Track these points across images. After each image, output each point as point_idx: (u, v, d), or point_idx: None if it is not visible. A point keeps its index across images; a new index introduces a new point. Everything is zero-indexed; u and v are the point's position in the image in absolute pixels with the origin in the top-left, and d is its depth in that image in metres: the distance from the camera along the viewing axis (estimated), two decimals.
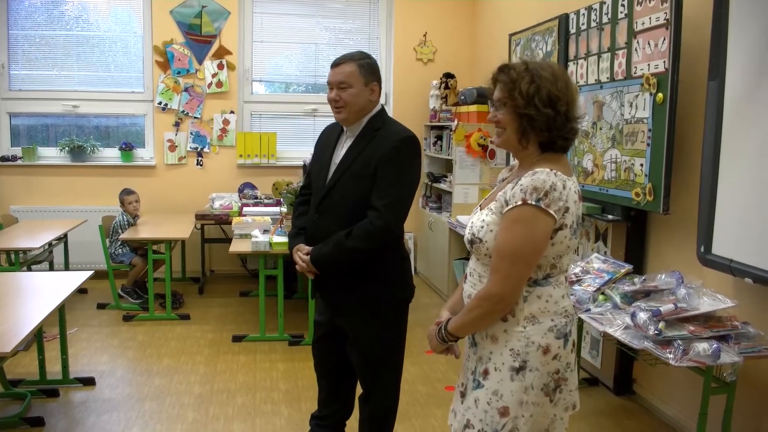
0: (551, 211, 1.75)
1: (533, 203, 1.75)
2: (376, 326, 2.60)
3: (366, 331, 2.61)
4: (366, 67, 2.55)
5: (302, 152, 6.48)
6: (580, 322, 3.21)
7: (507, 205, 1.80)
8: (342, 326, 2.69)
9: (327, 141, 2.72)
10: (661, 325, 2.56)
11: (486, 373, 1.91)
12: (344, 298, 2.61)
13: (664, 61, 3.17)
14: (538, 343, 1.85)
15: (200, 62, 6.32)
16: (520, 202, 1.76)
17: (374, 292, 2.56)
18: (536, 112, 1.79)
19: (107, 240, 5.42)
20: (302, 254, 2.61)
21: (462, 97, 5.80)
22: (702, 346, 2.48)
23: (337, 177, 2.55)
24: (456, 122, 5.65)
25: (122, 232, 5.36)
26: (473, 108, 5.60)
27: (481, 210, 1.94)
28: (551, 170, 1.78)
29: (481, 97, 5.47)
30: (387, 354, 2.67)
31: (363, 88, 2.54)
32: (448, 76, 6.40)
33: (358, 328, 2.63)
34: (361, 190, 2.48)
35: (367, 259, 2.50)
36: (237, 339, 4.66)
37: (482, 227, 1.87)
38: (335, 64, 2.56)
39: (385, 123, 2.58)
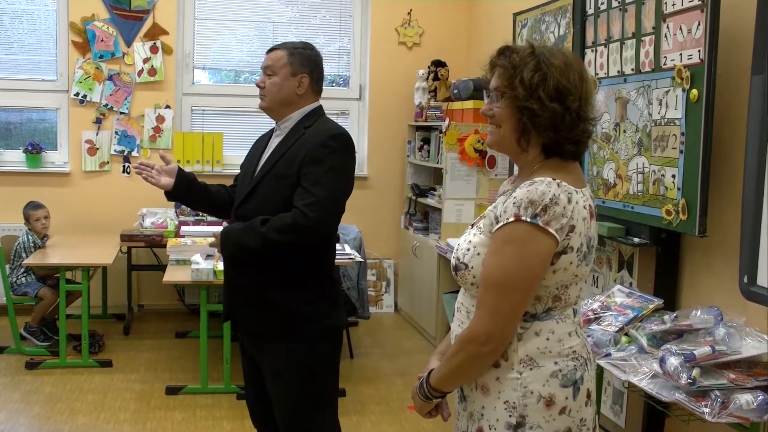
0: (551, 230, 1.76)
1: (528, 220, 1.76)
2: (294, 354, 2.71)
3: (281, 358, 2.71)
4: (298, 56, 2.80)
5: None
6: (600, 369, 3.26)
7: (497, 222, 1.82)
8: (259, 362, 2.81)
9: (259, 142, 2.97)
10: (695, 372, 2.62)
11: None
12: (256, 317, 2.75)
13: (699, 51, 3.27)
14: (538, 392, 1.84)
15: (129, 44, 6.34)
16: (512, 219, 1.77)
17: (291, 313, 2.70)
18: (540, 107, 1.82)
19: (7, 266, 5.39)
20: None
21: (455, 91, 5.87)
22: (745, 398, 2.54)
23: (257, 180, 2.75)
24: (447, 122, 5.72)
25: (27, 257, 5.33)
26: (469, 104, 5.67)
27: (471, 229, 1.96)
28: (553, 180, 1.79)
29: (479, 90, 5.54)
30: (310, 391, 2.75)
31: (288, 78, 2.79)
32: (438, 64, 6.47)
33: (272, 356, 2.74)
34: (283, 194, 2.66)
35: (275, 254, 2.64)
36: (172, 391, 4.66)
37: (468, 250, 1.88)
38: (268, 50, 2.85)
39: (317, 121, 2.79)
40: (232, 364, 4.64)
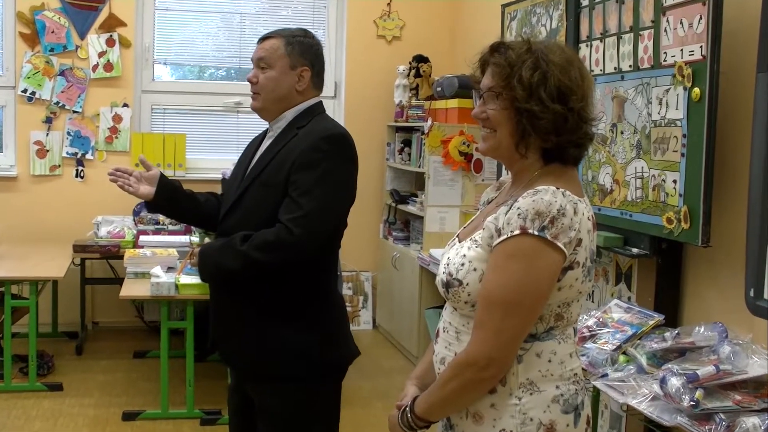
0: (560, 244, 1.76)
1: (536, 233, 1.75)
2: (286, 394, 2.62)
3: (275, 400, 2.63)
4: (297, 46, 2.68)
5: (221, 161, 6.48)
6: (596, 391, 3.26)
7: (499, 235, 1.80)
8: (250, 393, 2.73)
9: (251, 145, 2.87)
10: (698, 393, 2.63)
11: None
12: (244, 349, 2.65)
13: (702, 47, 3.29)
14: (538, 420, 1.84)
15: (82, 36, 6.31)
16: (517, 232, 1.76)
17: (288, 347, 2.60)
18: (541, 108, 1.81)
19: None
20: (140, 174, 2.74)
21: (439, 89, 5.87)
22: (752, 422, 2.54)
23: (243, 189, 2.66)
24: (430, 122, 5.73)
25: None
26: (453, 103, 5.69)
27: (460, 242, 1.95)
28: (558, 188, 1.79)
29: (464, 88, 5.55)
30: None
31: (287, 71, 2.67)
32: (420, 59, 6.49)
33: (264, 396, 2.66)
34: (271, 205, 2.56)
35: (259, 276, 2.55)
36: (129, 416, 4.63)
37: (462, 265, 1.87)
38: (261, 39, 2.72)
39: (313, 120, 2.69)
40: (196, 387, 4.62)
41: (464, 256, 1.88)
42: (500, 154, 1.94)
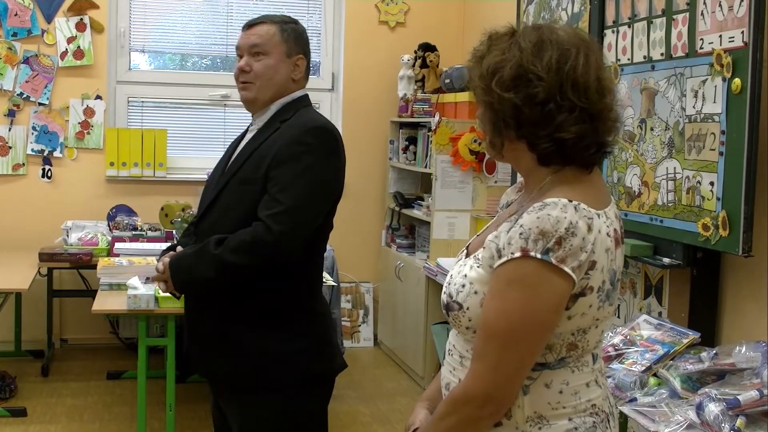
0: (567, 269, 1.72)
1: (538, 256, 1.71)
2: (267, 406, 2.66)
3: (251, 412, 2.67)
4: (291, 33, 2.78)
5: (206, 160, 6.44)
6: (623, 418, 3.24)
7: (500, 256, 1.77)
8: (224, 410, 2.78)
9: (232, 144, 2.93)
10: (739, 422, 2.61)
11: None
12: (220, 362, 2.71)
13: (743, 32, 3.27)
14: None
15: (49, 19, 6.30)
16: (518, 254, 1.72)
17: (262, 357, 2.65)
18: (498, 100, 1.82)
19: None
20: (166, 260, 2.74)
21: (447, 81, 5.87)
22: None
23: (221, 187, 2.72)
24: (438, 118, 5.72)
25: None
26: (463, 96, 5.68)
27: (467, 255, 1.94)
28: (570, 201, 1.74)
29: None
30: None
31: (284, 59, 2.76)
32: (427, 48, 6.49)
33: (241, 408, 2.69)
34: (249, 203, 2.62)
35: (236, 282, 2.60)
36: None
37: (463, 286, 1.85)
38: (249, 25, 2.80)
39: (297, 113, 2.76)
40: (177, 411, 4.60)
41: (465, 276, 1.86)
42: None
